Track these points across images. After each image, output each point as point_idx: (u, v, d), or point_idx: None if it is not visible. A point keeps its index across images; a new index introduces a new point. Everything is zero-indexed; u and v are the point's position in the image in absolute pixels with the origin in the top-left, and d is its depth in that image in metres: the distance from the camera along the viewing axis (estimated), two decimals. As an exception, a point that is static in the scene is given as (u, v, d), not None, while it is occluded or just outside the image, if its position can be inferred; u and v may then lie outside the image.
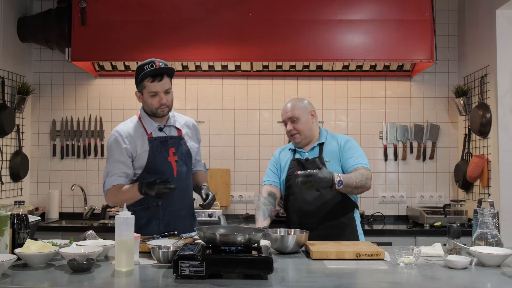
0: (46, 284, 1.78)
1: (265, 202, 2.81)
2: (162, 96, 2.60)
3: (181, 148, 2.70)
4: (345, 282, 1.82)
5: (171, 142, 2.68)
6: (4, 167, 3.95)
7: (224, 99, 4.32)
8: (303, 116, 2.82)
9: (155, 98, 2.60)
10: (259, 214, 2.77)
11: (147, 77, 2.58)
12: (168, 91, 2.62)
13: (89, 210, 4.20)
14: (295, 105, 2.84)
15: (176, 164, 2.66)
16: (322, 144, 2.83)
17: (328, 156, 2.78)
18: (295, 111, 2.82)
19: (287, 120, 2.85)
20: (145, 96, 2.63)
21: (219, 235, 1.93)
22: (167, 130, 2.71)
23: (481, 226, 2.28)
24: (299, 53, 3.82)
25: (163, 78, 2.59)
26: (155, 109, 2.63)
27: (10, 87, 4.04)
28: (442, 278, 1.89)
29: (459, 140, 4.23)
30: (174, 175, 2.64)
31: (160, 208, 2.67)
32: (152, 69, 2.56)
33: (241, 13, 3.80)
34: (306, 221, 2.72)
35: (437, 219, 3.79)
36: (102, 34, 3.84)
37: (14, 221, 2.17)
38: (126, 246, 1.93)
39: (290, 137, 2.87)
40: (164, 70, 2.59)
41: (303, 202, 2.76)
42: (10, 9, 4.01)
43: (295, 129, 2.81)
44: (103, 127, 4.34)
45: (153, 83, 2.58)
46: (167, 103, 2.62)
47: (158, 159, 2.64)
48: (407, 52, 3.81)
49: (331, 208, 2.73)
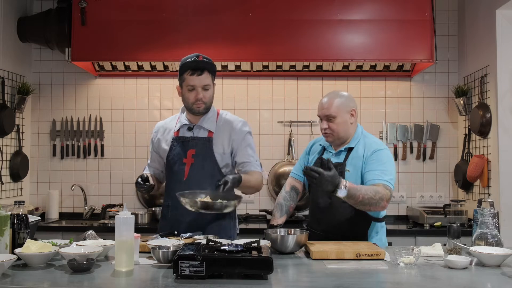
0: (46, 284, 1.78)
1: (286, 197, 2.75)
2: (199, 91, 2.54)
3: (204, 151, 2.59)
4: (345, 282, 1.82)
5: (193, 143, 2.60)
6: (4, 167, 3.95)
7: (224, 99, 4.31)
8: (341, 115, 2.57)
9: (192, 93, 2.55)
10: (276, 209, 2.72)
11: (187, 69, 2.53)
12: (206, 87, 2.56)
13: (89, 210, 4.20)
14: (334, 102, 2.58)
15: (191, 166, 2.58)
16: (350, 149, 2.61)
17: (350, 165, 2.57)
18: (333, 109, 2.57)
19: (323, 117, 2.61)
20: (184, 90, 2.58)
21: (199, 201, 2.26)
22: (196, 130, 2.63)
23: (481, 226, 2.28)
24: (299, 53, 3.82)
25: (203, 73, 2.53)
26: (191, 104, 2.57)
27: (10, 87, 4.04)
28: (442, 278, 1.89)
29: (459, 140, 4.23)
30: (184, 178, 2.59)
31: (169, 209, 2.68)
32: (193, 61, 2.52)
33: (241, 13, 3.80)
34: (314, 226, 2.66)
35: (437, 219, 3.79)
36: (102, 34, 3.83)
37: (14, 221, 2.17)
38: (126, 246, 1.93)
39: (324, 135, 2.66)
40: (205, 64, 2.54)
41: (315, 205, 2.68)
42: (10, 9, 4.01)
43: (330, 128, 2.59)
44: (103, 127, 4.34)
45: (192, 76, 2.53)
46: (204, 99, 2.56)
47: (173, 159, 2.63)
48: (407, 52, 3.81)
49: (341, 219, 2.56)
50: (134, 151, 4.32)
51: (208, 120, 2.64)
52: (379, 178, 2.46)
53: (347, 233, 2.54)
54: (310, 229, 2.63)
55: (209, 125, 2.64)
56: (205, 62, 2.54)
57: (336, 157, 2.65)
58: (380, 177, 2.46)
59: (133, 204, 4.27)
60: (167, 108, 4.29)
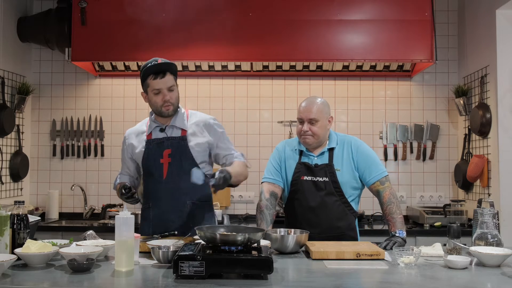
0: (46, 284, 1.78)
1: (268, 206, 2.73)
2: (165, 93, 2.56)
3: (180, 149, 2.64)
4: (345, 282, 1.82)
5: (168, 143, 2.64)
6: (4, 167, 3.95)
7: (224, 99, 4.32)
8: (323, 119, 2.69)
9: (159, 96, 2.58)
10: (261, 219, 2.71)
11: (149, 74, 2.56)
12: (171, 88, 2.59)
13: (89, 210, 4.20)
14: (318, 107, 2.69)
15: (169, 166, 2.62)
16: (332, 150, 2.74)
17: (339, 164, 2.70)
18: (317, 114, 2.67)
19: (306, 119, 2.69)
20: (150, 95, 2.61)
21: (219, 234, 1.93)
22: (169, 130, 2.67)
23: (481, 226, 2.28)
24: (299, 53, 3.82)
25: (166, 75, 2.56)
26: (160, 107, 2.60)
27: (10, 87, 4.04)
28: (442, 278, 1.89)
29: (459, 140, 4.23)
30: (163, 177, 2.62)
31: (150, 209, 2.69)
32: (153, 65, 2.55)
33: (241, 13, 3.80)
34: (308, 230, 2.61)
35: (437, 219, 3.79)
36: (102, 34, 3.83)
37: (14, 221, 2.17)
38: (126, 246, 1.93)
39: (300, 137, 2.73)
40: (166, 66, 2.57)
41: (307, 208, 2.70)
42: (10, 9, 4.01)
43: (311, 130, 2.67)
44: (103, 127, 4.34)
45: (155, 80, 2.55)
46: (171, 100, 2.59)
47: (150, 160, 2.65)
48: (407, 52, 3.81)
49: (334, 217, 2.68)
50: (134, 151, 4.31)
51: (179, 119, 2.67)
52: (380, 174, 2.71)
53: (341, 229, 2.69)
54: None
55: (181, 124, 2.67)
56: (166, 64, 2.57)
57: (319, 158, 2.73)
58: (379, 173, 2.72)
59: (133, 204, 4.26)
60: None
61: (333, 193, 2.68)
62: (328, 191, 2.68)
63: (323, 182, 2.68)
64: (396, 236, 2.55)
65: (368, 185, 2.73)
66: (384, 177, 2.71)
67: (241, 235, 1.92)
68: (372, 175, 2.70)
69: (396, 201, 2.67)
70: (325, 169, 2.69)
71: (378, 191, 2.70)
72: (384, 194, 2.68)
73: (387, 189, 2.69)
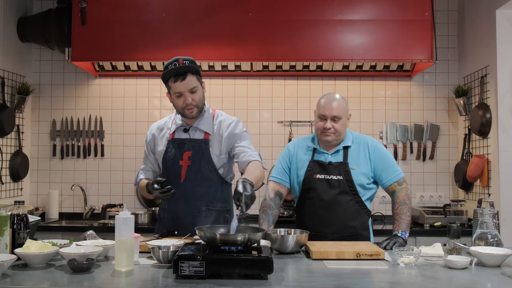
0: (46, 284, 1.78)
1: (271, 206, 2.71)
2: (187, 95, 2.48)
3: (200, 153, 2.56)
4: (345, 282, 1.82)
5: (190, 145, 2.57)
6: (4, 167, 3.95)
7: (224, 99, 4.31)
8: (344, 117, 2.67)
9: (181, 99, 2.50)
10: (263, 219, 2.69)
11: (170, 77, 2.48)
12: (193, 90, 2.50)
13: (89, 210, 4.20)
14: (340, 104, 2.66)
15: (188, 169, 2.55)
16: (347, 148, 2.70)
17: (354, 163, 2.66)
18: (340, 110, 2.64)
19: (329, 116, 2.63)
20: (173, 97, 2.54)
21: (219, 235, 1.93)
22: (192, 132, 2.60)
23: (481, 226, 2.28)
24: (299, 53, 3.82)
25: (186, 76, 2.46)
26: (182, 110, 2.53)
27: (10, 87, 4.04)
28: (442, 278, 1.89)
29: (459, 140, 4.23)
30: (181, 180, 2.56)
31: (165, 212, 2.67)
32: (173, 68, 2.45)
33: (241, 13, 3.80)
34: (321, 229, 2.63)
35: (437, 219, 3.79)
36: (102, 34, 3.83)
37: (14, 221, 2.17)
38: (126, 246, 1.93)
39: (321, 134, 2.67)
40: (186, 68, 2.46)
41: (320, 207, 2.65)
42: (10, 9, 4.01)
43: (333, 128, 2.63)
44: (103, 127, 4.34)
45: (176, 83, 2.47)
46: (193, 103, 2.50)
47: (169, 161, 2.60)
48: (407, 52, 3.81)
49: (348, 216, 2.65)
50: (134, 151, 4.31)
51: (204, 121, 2.61)
52: (396, 175, 2.70)
53: (355, 228, 2.66)
54: (317, 234, 2.57)
55: (206, 127, 2.60)
56: (186, 66, 2.46)
57: (334, 156, 2.70)
58: (396, 174, 2.71)
59: (133, 204, 4.27)
60: (167, 108, 4.29)
61: (347, 192, 2.64)
62: (342, 190, 2.64)
63: (337, 181, 2.64)
64: (398, 236, 2.55)
65: (384, 187, 2.72)
66: (402, 177, 2.72)
67: (241, 235, 1.92)
68: (390, 177, 2.69)
69: (409, 204, 2.67)
70: (339, 167, 2.65)
71: (395, 191, 2.70)
72: (399, 194, 2.68)
73: (403, 190, 2.69)
